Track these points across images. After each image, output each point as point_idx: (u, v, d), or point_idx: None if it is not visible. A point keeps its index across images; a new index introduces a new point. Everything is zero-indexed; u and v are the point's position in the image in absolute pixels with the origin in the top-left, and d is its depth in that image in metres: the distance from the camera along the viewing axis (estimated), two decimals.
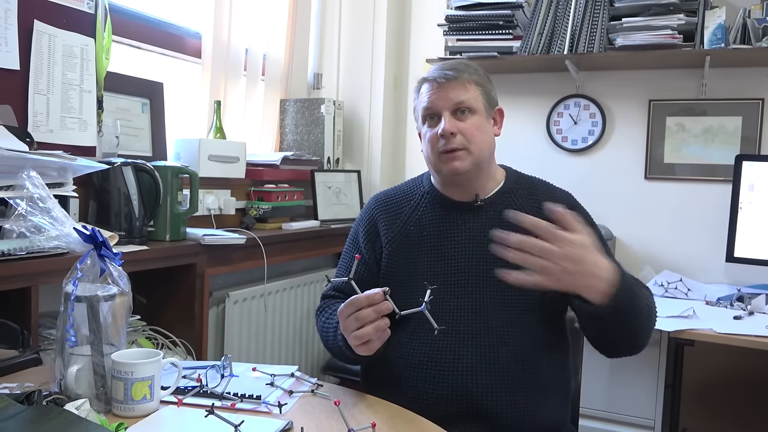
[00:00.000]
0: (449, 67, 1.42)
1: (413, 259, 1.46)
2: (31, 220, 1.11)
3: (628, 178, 2.75)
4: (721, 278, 2.56)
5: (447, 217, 1.47)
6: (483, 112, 1.43)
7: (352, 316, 1.20)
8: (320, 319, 1.52)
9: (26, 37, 1.70)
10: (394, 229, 1.50)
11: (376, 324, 1.19)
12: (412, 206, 1.52)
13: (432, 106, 1.42)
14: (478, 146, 1.41)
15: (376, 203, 1.57)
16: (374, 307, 1.19)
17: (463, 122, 1.40)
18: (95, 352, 1.09)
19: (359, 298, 1.20)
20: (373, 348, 1.23)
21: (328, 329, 1.43)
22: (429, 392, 1.37)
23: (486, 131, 1.44)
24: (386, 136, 3.08)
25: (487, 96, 1.45)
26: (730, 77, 2.57)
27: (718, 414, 2.59)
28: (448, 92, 1.40)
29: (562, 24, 2.62)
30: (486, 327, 1.38)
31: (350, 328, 1.21)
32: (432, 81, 1.42)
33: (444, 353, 1.38)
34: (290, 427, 1.06)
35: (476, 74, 1.44)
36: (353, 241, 1.58)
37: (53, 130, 1.77)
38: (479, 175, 1.45)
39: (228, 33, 2.47)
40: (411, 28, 3.16)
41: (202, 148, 2.18)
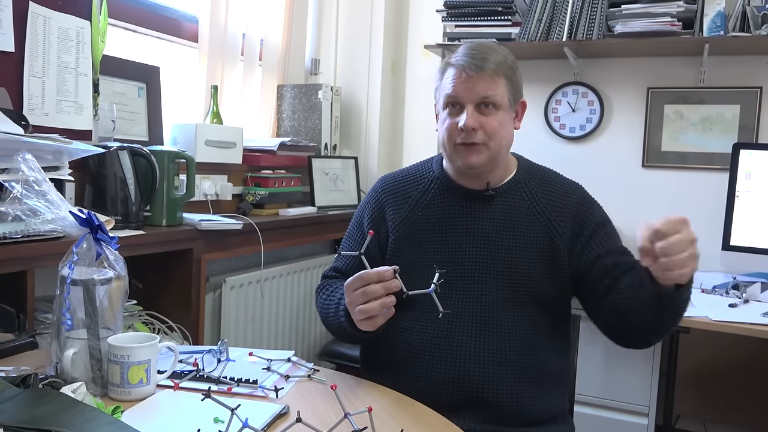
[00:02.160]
0: (479, 56, 1.35)
1: (420, 245, 1.45)
2: (26, 204, 1.10)
3: (626, 166, 2.75)
4: (717, 266, 2.57)
5: (457, 205, 1.45)
6: (507, 107, 1.39)
7: (360, 290, 1.20)
8: (320, 296, 1.51)
9: (21, 18, 1.68)
10: (402, 214, 1.48)
11: (383, 300, 1.19)
12: (420, 191, 1.50)
13: (456, 95, 1.37)
14: (497, 143, 1.38)
15: (384, 186, 1.55)
16: (383, 284, 1.18)
17: (486, 117, 1.36)
18: (91, 335, 1.09)
19: (369, 273, 1.19)
20: (376, 324, 1.22)
21: (329, 306, 1.42)
22: (429, 378, 1.37)
23: (507, 127, 1.40)
24: (384, 123, 3.07)
25: (514, 89, 1.40)
26: (729, 65, 2.57)
27: (713, 401, 2.61)
28: (475, 84, 1.35)
29: (561, 11, 2.60)
30: (490, 316, 1.38)
31: (356, 302, 1.21)
32: (460, 69, 1.36)
33: (446, 340, 1.38)
34: (286, 411, 1.07)
35: (505, 65, 1.37)
36: (357, 224, 1.56)
37: (48, 114, 1.76)
38: (494, 168, 1.43)
39: (225, 17, 2.45)
40: (409, 13, 3.14)
41: (198, 133, 2.17)
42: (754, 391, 2.54)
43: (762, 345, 2.26)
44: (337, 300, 1.38)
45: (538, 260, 1.40)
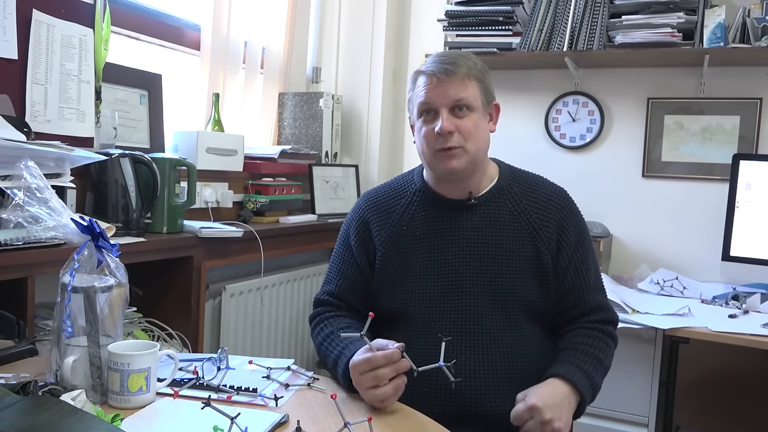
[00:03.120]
0: (448, 61, 1.37)
1: (407, 258, 1.44)
2: (28, 210, 1.10)
3: (626, 175, 2.76)
4: (716, 277, 2.57)
5: (440, 217, 1.45)
6: (481, 109, 1.39)
7: (370, 374, 1.16)
8: (317, 334, 1.48)
9: (25, 26, 1.69)
10: (387, 229, 1.47)
11: (396, 383, 1.16)
12: (403, 205, 1.49)
13: (429, 101, 1.37)
14: (474, 145, 1.38)
15: (367, 203, 1.54)
16: (392, 366, 1.16)
17: (461, 120, 1.36)
18: (92, 343, 1.09)
19: (377, 358, 1.16)
20: (389, 404, 1.18)
21: (327, 354, 1.39)
22: (423, 393, 1.35)
23: (483, 128, 1.41)
24: (384, 131, 3.08)
25: (486, 92, 1.41)
26: (729, 76, 2.57)
27: (712, 412, 2.60)
28: (446, 88, 1.36)
29: (561, 21, 2.61)
30: (480, 328, 1.37)
31: (366, 385, 1.17)
32: (430, 75, 1.37)
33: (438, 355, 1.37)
34: (286, 420, 1.06)
35: (475, 68, 1.39)
36: (344, 242, 1.53)
37: (51, 121, 1.77)
38: (474, 172, 1.42)
39: (227, 25, 2.47)
40: (411, 22, 3.15)
41: (200, 140, 2.18)
42: (754, 402, 2.54)
43: (762, 356, 2.25)
44: (336, 353, 1.34)
45: (525, 268, 1.40)
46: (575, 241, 1.44)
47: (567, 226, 1.44)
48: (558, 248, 1.42)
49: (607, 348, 1.42)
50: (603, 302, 1.47)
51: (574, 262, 1.43)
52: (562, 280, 1.43)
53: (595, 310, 1.44)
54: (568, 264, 1.43)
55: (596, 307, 1.45)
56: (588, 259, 1.46)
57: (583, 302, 1.44)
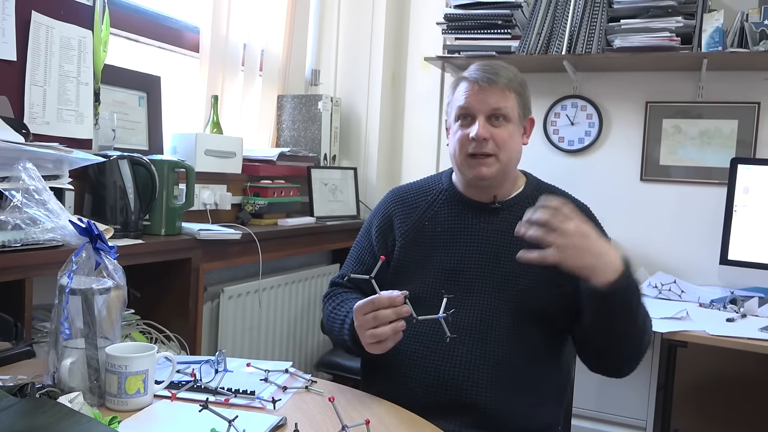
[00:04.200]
0: (491, 71, 1.41)
1: (425, 253, 1.47)
2: (26, 212, 1.10)
3: (624, 179, 2.76)
4: (714, 281, 2.57)
5: (462, 216, 1.48)
6: (516, 121, 1.43)
7: (371, 314, 1.22)
8: (327, 305, 1.53)
9: (23, 28, 1.69)
10: (409, 223, 1.51)
11: (394, 325, 1.21)
12: (428, 201, 1.53)
13: (468, 106, 1.41)
14: (507, 155, 1.41)
15: (394, 197, 1.59)
16: (394, 309, 1.21)
17: (497, 129, 1.40)
18: (89, 345, 1.09)
19: (380, 298, 1.22)
20: (385, 348, 1.24)
21: (335, 319, 1.44)
22: (422, 381, 1.38)
23: (516, 140, 1.44)
24: (383, 134, 3.08)
25: (523, 105, 1.45)
26: (727, 80, 2.58)
27: (710, 415, 2.60)
28: (486, 96, 1.40)
29: (560, 24, 2.62)
30: (486, 326, 1.39)
31: (367, 326, 1.23)
32: (473, 81, 1.41)
33: (441, 345, 1.38)
34: (284, 423, 1.06)
35: (515, 81, 1.43)
36: (366, 232, 1.60)
37: (49, 122, 1.76)
38: (503, 182, 1.47)
39: (226, 27, 2.47)
40: (409, 25, 3.15)
41: (198, 142, 2.18)
42: (751, 406, 2.54)
43: (759, 360, 2.26)
44: (343, 316, 1.40)
45: (539, 274, 1.40)
46: None
47: None
48: None
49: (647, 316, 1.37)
50: None
51: None
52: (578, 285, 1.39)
53: None
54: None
55: None
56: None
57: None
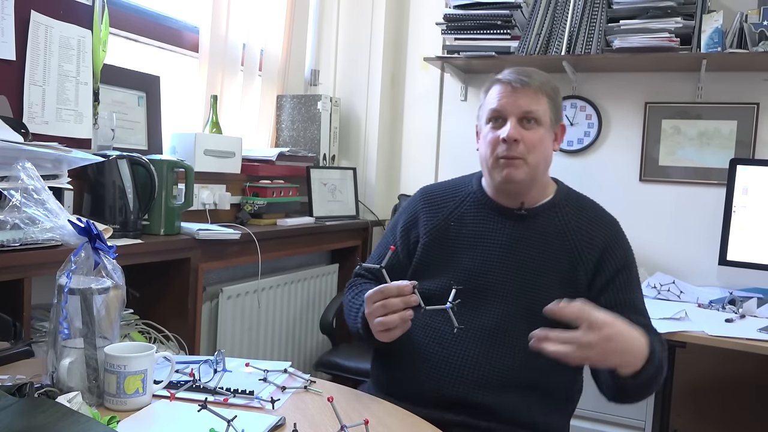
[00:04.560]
0: (524, 73, 1.42)
1: (448, 253, 1.47)
2: (25, 212, 1.10)
3: (623, 179, 2.76)
4: (713, 281, 2.57)
5: (488, 219, 1.48)
6: (548, 125, 1.43)
7: (380, 303, 1.24)
8: (348, 295, 1.56)
9: (23, 27, 1.69)
10: (434, 222, 1.52)
11: (402, 314, 1.23)
12: (456, 202, 1.54)
13: (501, 108, 1.41)
14: (536, 158, 1.41)
15: (423, 196, 1.60)
16: (402, 298, 1.23)
17: (528, 131, 1.40)
18: (88, 345, 1.09)
19: (389, 287, 1.24)
20: (393, 336, 1.26)
21: (351, 308, 1.48)
22: (433, 377, 1.39)
23: (546, 145, 1.44)
24: (382, 134, 3.08)
25: (555, 110, 1.45)
26: (726, 81, 2.58)
27: (709, 416, 2.60)
28: (519, 98, 1.40)
29: (560, 25, 2.62)
30: (501, 330, 1.39)
31: (375, 314, 1.25)
32: (506, 83, 1.42)
33: (453, 343, 1.39)
34: (283, 423, 1.06)
35: (548, 85, 1.43)
36: (392, 228, 1.61)
37: (48, 122, 1.76)
38: (532, 187, 1.46)
39: (226, 27, 2.47)
40: (409, 26, 3.15)
41: (197, 142, 2.18)
42: (750, 406, 2.54)
43: (758, 360, 2.26)
44: (359, 305, 1.42)
45: (559, 285, 1.41)
46: (620, 265, 1.42)
47: (613, 250, 1.43)
48: (596, 269, 1.41)
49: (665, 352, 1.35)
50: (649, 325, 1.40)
51: (617, 281, 1.41)
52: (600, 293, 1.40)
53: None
54: (609, 282, 1.40)
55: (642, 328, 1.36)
56: (633, 284, 1.43)
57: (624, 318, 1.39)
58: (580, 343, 1.13)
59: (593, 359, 1.18)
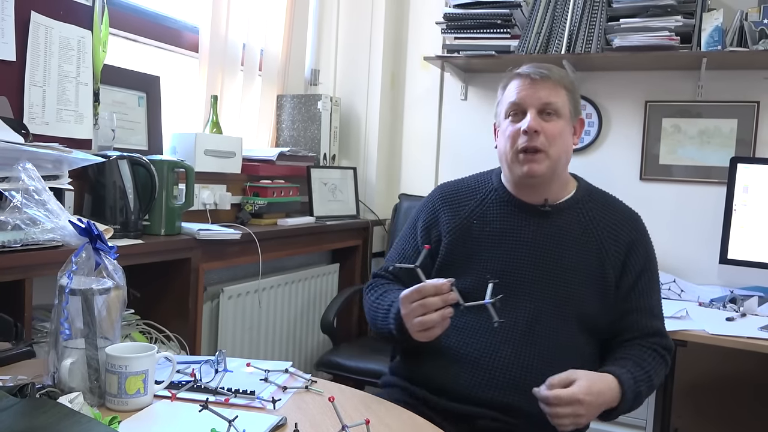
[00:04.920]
0: (544, 67, 1.43)
1: (472, 252, 1.46)
2: (26, 213, 1.10)
3: (624, 178, 2.76)
4: (714, 280, 2.57)
5: (512, 217, 1.47)
6: (568, 118, 1.43)
7: (419, 302, 1.23)
8: (369, 295, 1.52)
9: (23, 28, 1.69)
10: (457, 220, 1.51)
11: (442, 312, 1.22)
12: (477, 200, 1.52)
13: (521, 101, 1.41)
14: (557, 151, 1.41)
15: (441, 194, 1.58)
16: (441, 296, 1.22)
17: (548, 123, 1.40)
18: (89, 345, 1.09)
19: (426, 286, 1.23)
20: (433, 335, 1.25)
21: (378, 309, 1.44)
22: (464, 378, 1.38)
23: (566, 138, 1.44)
24: (383, 134, 3.08)
25: (574, 103, 1.45)
26: (726, 79, 2.58)
27: (710, 415, 2.60)
28: (538, 90, 1.40)
29: (559, 24, 2.62)
30: (531, 329, 1.39)
31: (414, 314, 1.24)
32: (525, 77, 1.42)
33: (486, 343, 1.39)
34: (284, 422, 1.06)
35: (567, 79, 1.44)
36: (412, 227, 1.59)
37: (49, 123, 1.76)
38: (552, 181, 1.46)
39: (225, 27, 2.47)
40: (409, 25, 3.15)
41: (198, 142, 2.18)
42: (751, 405, 2.54)
43: (759, 359, 2.26)
44: (387, 305, 1.40)
45: (587, 281, 1.41)
46: (642, 265, 1.46)
47: (637, 248, 1.46)
48: (623, 268, 1.44)
49: (660, 370, 1.43)
50: (662, 329, 1.48)
51: (639, 285, 1.44)
52: (624, 300, 1.44)
53: (654, 335, 1.45)
54: (633, 286, 1.44)
55: (655, 333, 1.45)
56: (653, 286, 1.47)
57: (642, 326, 1.44)
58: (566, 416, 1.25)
59: (584, 422, 1.29)
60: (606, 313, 1.43)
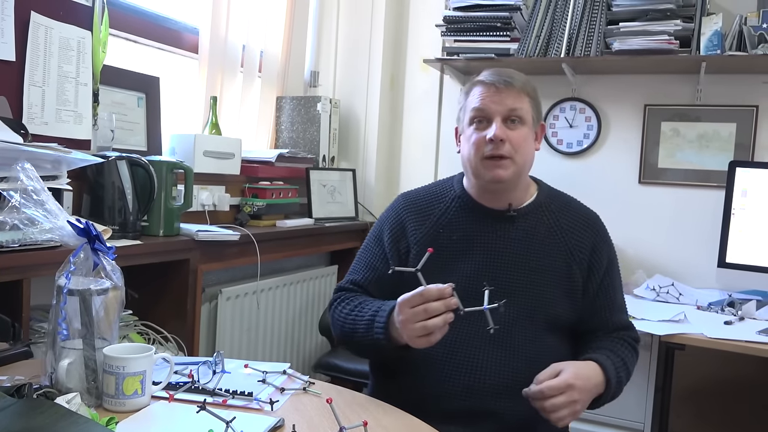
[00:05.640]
0: (506, 74, 1.43)
1: (442, 260, 1.45)
2: (24, 213, 1.10)
3: (623, 182, 2.76)
4: (712, 283, 2.57)
5: (478, 223, 1.48)
6: (530, 124, 1.44)
7: (421, 307, 1.22)
8: (341, 309, 1.48)
9: (23, 28, 1.69)
10: (423, 230, 1.50)
11: (445, 316, 1.21)
12: (442, 209, 1.52)
13: (485, 108, 1.41)
14: (522, 157, 1.42)
15: (405, 203, 1.57)
16: (443, 301, 1.21)
17: (513, 131, 1.41)
18: (87, 346, 1.09)
19: (430, 290, 1.22)
20: (433, 341, 1.24)
21: (358, 321, 1.40)
22: (442, 387, 1.38)
23: (530, 144, 1.45)
24: (382, 136, 3.08)
25: (536, 109, 1.46)
26: (726, 84, 2.58)
27: (708, 418, 2.60)
28: (503, 98, 1.40)
29: (559, 27, 2.62)
30: (505, 334, 1.39)
31: (417, 318, 1.22)
32: (489, 84, 1.42)
33: (459, 350, 1.39)
34: (282, 424, 1.06)
35: (529, 85, 1.45)
36: (376, 238, 1.56)
37: (48, 123, 1.76)
38: (517, 186, 1.47)
39: (225, 29, 2.47)
40: (408, 27, 3.16)
41: (197, 143, 2.18)
42: (749, 408, 2.54)
43: (757, 363, 2.26)
44: (369, 316, 1.37)
45: (557, 284, 1.43)
46: (606, 265, 1.49)
47: (600, 250, 1.49)
48: (589, 269, 1.47)
49: (631, 357, 1.48)
50: (628, 323, 1.55)
51: (605, 284, 1.48)
52: (593, 300, 1.47)
53: (622, 329, 1.51)
54: (599, 286, 1.48)
55: (623, 326, 1.52)
56: (616, 283, 1.52)
57: (611, 322, 1.49)
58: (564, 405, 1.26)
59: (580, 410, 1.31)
60: (575, 312, 1.45)
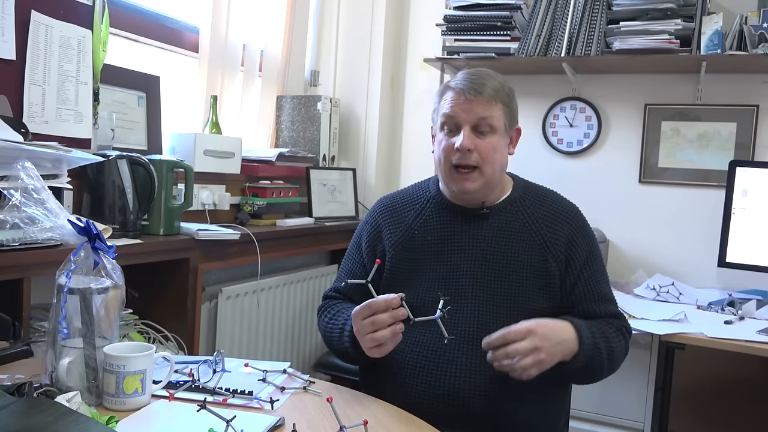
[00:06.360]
0: (478, 81, 1.40)
1: (417, 263, 1.46)
2: (25, 211, 1.10)
3: (623, 181, 2.76)
4: (712, 283, 2.57)
5: (452, 223, 1.48)
6: (502, 131, 1.42)
7: (369, 319, 1.23)
8: (323, 317, 1.53)
9: (23, 27, 1.69)
10: (398, 233, 1.51)
11: (393, 328, 1.22)
12: (417, 210, 1.52)
13: (454, 115, 1.40)
14: (491, 167, 1.41)
15: (381, 208, 1.58)
16: (391, 312, 1.22)
17: (481, 140, 1.39)
18: (87, 344, 1.09)
19: (377, 302, 1.23)
20: (385, 351, 1.26)
21: (333, 329, 1.44)
22: (422, 391, 1.38)
23: (501, 151, 1.44)
24: (382, 135, 3.08)
25: (510, 115, 1.44)
26: (726, 83, 2.58)
27: (708, 418, 2.60)
28: (472, 106, 1.39)
29: (559, 26, 2.62)
30: (483, 332, 1.37)
31: (365, 331, 1.24)
32: (459, 91, 1.40)
33: (439, 354, 1.39)
34: (282, 423, 1.06)
35: (502, 91, 1.42)
36: (356, 245, 1.59)
37: (48, 122, 1.76)
38: (489, 192, 1.46)
39: (226, 28, 2.47)
40: (409, 27, 3.16)
41: (197, 142, 2.18)
42: (749, 408, 2.54)
43: (757, 362, 2.26)
44: (341, 324, 1.40)
45: (533, 278, 1.42)
46: (585, 256, 1.46)
47: (577, 241, 1.46)
48: (567, 261, 1.45)
49: (616, 336, 1.43)
50: (617, 311, 1.50)
51: (584, 276, 1.45)
52: (570, 292, 1.45)
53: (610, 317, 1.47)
54: (578, 278, 1.45)
55: (610, 315, 1.47)
56: (598, 274, 1.48)
57: (596, 312, 1.46)
58: (526, 351, 1.23)
59: (546, 360, 1.26)
60: (554, 306, 1.43)
